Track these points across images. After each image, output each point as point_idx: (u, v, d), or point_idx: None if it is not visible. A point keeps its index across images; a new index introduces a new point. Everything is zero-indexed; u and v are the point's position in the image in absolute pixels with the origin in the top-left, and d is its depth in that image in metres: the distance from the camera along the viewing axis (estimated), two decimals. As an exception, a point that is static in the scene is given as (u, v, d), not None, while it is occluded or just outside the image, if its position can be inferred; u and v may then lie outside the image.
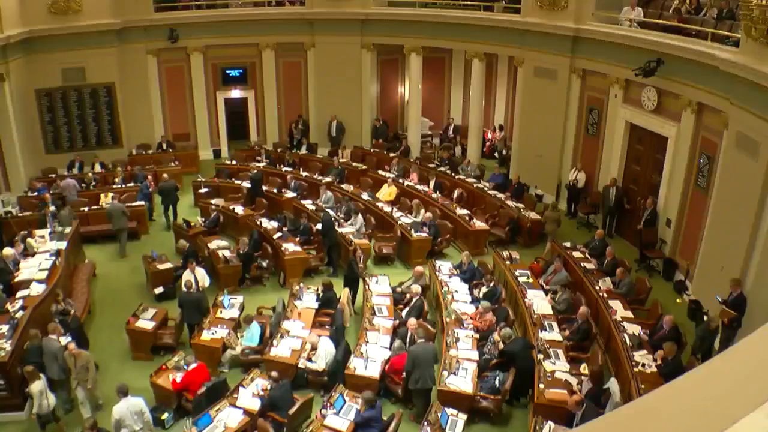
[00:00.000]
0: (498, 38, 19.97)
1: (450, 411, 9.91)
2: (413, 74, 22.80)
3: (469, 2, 21.44)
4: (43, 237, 15.65)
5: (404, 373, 10.70)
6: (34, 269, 14.03)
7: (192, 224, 17.10)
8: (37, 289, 13.13)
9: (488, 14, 20.41)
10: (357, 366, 11.11)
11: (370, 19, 22.38)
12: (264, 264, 15.39)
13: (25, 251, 15.03)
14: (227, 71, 24.05)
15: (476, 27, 20.38)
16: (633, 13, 16.28)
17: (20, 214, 17.47)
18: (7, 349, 11.01)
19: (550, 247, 15.99)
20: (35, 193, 18.54)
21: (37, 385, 10.08)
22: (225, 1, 23.88)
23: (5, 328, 11.67)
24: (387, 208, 17.71)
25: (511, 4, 20.05)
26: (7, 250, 14.57)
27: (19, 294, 13.05)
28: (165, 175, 19.47)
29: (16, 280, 13.78)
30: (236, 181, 19.78)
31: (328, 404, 10.06)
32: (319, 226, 16.17)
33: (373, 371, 11.03)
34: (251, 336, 12.28)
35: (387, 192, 19.00)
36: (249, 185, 19.13)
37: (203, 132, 24.15)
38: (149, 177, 19.43)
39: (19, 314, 12.08)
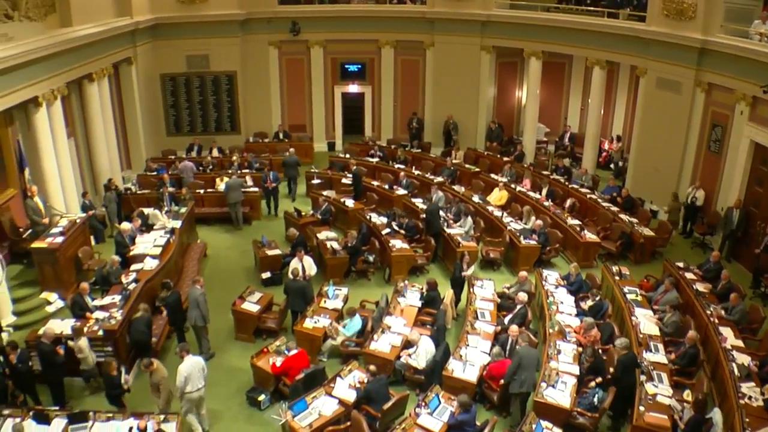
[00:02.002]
0: (621, 46, 19.43)
1: (545, 423, 9.75)
2: (532, 78, 22.50)
3: (592, 8, 20.97)
4: (167, 213, 16.47)
5: (506, 375, 10.56)
6: (149, 245, 14.81)
7: (303, 213, 17.44)
8: (150, 264, 13.86)
9: (612, 21, 19.83)
10: (455, 368, 11.07)
11: (490, 21, 22.24)
12: (371, 258, 15.57)
13: (143, 227, 15.82)
14: (346, 66, 24.50)
15: (599, 34, 19.85)
16: (764, 26, 15.47)
17: (139, 192, 18.34)
18: (118, 318, 11.66)
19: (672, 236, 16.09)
20: (154, 173, 19.36)
21: (85, 341, 10.82)
22: (347, -3, 24.31)
23: (118, 298, 12.43)
24: (497, 213, 17.62)
25: (636, 12, 19.48)
26: (125, 225, 15.40)
27: (133, 267, 13.82)
28: (291, 150, 20.49)
29: (131, 253, 14.55)
30: (348, 174, 20.08)
31: (423, 403, 10.07)
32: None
33: (471, 375, 10.97)
34: (353, 328, 12.46)
35: (498, 196, 18.88)
36: (351, 182, 19.47)
37: (319, 124, 24.76)
38: (265, 169, 19.89)
39: (131, 286, 12.79)
